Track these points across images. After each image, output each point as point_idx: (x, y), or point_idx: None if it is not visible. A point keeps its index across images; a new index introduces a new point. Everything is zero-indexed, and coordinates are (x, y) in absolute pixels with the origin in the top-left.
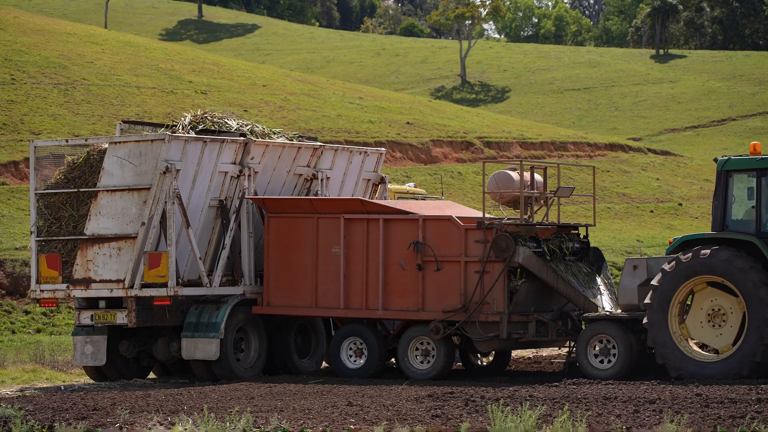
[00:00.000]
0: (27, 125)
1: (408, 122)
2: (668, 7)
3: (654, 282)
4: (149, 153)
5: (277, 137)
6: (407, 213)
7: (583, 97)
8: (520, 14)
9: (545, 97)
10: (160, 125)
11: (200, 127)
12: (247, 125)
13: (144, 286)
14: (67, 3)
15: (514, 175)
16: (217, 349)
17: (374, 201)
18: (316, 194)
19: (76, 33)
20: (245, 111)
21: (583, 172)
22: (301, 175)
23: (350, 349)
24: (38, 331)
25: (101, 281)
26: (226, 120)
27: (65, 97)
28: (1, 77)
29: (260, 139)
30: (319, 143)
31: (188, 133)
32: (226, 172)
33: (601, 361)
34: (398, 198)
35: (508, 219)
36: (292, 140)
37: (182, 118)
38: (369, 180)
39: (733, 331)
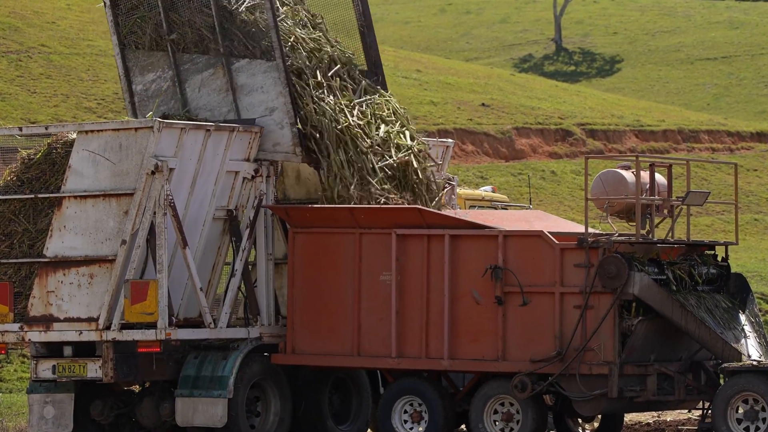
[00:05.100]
0: None
1: (483, 103)
2: None
3: None
4: (132, 146)
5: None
6: (482, 227)
7: (721, 70)
8: None
9: (669, 69)
10: None
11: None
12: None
13: (125, 326)
14: None
15: (628, 175)
16: (224, 412)
17: (438, 211)
18: None
19: None
20: None
21: (721, 171)
22: None
23: (405, 411)
24: None
25: (67, 320)
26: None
27: (18, 69)
28: None
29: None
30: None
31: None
32: (236, 172)
33: (747, 429)
34: (470, 207)
35: (620, 235)
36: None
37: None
38: None
39: None
